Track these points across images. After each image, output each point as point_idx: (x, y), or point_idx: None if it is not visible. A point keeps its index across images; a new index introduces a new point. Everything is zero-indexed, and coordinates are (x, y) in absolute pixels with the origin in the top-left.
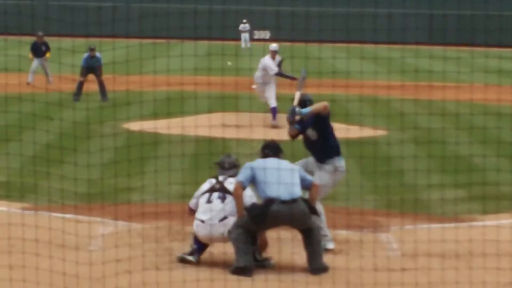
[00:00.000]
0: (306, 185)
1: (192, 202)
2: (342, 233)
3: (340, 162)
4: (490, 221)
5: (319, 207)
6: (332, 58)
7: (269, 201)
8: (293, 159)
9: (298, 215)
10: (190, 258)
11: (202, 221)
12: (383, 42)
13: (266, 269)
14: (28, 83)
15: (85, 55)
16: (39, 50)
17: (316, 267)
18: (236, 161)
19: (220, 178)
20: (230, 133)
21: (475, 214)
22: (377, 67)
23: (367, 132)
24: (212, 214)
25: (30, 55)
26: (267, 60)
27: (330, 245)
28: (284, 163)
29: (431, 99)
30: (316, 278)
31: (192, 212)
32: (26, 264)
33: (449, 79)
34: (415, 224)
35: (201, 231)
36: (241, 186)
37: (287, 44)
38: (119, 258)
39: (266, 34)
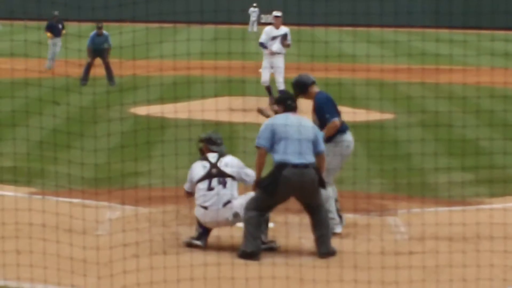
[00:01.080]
0: (315, 151)
1: (187, 186)
2: (349, 217)
3: (343, 137)
4: (497, 204)
5: (331, 190)
6: (338, 42)
7: (280, 166)
8: None
9: (309, 182)
10: (198, 242)
11: (206, 208)
12: (390, 25)
13: (273, 252)
14: (49, 69)
15: (92, 33)
16: (56, 29)
17: (324, 251)
18: (220, 137)
19: (211, 159)
20: (237, 117)
21: (482, 197)
22: (384, 51)
23: (374, 115)
24: (215, 199)
25: (49, 34)
26: (265, 29)
27: (338, 229)
28: (299, 119)
29: (438, 83)
30: (324, 262)
31: (189, 194)
32: (34, 249)
33: (456, 62)
34: (423, 207)
35: (206, 217)
36: (266, 152)
37: (294, 27)
38: (126, 243)
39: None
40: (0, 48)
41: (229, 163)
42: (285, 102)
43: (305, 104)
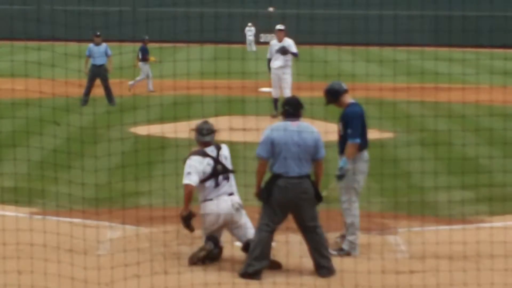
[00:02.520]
0: (316, 158)
1: (192, 180)
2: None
3: (363, 154)
4: (498, 222)
5: (355, 208)
6: (337, 61)
7: (275, 176)
8: None
9: (304, 193)
10: (207, 245)
11: (211, 199)
12: (389, 44)
13: (274, 272)
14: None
15: (89, 45)
16: (146, 54)
17: (324, 274)
18: (212, 126)
19: (211, 153)
20: (237, 137)
21: (482, 215)
22: (383, 70)
23: (374, 134)
24: (221, 192)
25: (153, 58)
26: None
27: (355, 252)
28: (298, 129)
29: (437, 101)
30: (325, 281)
31: (192, 193)
32: (35, 269)
33: (455, 81)
34: (423, 226)
35: (212, 209)
36: (266, 162)
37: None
38: (127, 263)
39: (272, 37)
40: (3, 68)
41: (227, 156)
42: (283, 107)
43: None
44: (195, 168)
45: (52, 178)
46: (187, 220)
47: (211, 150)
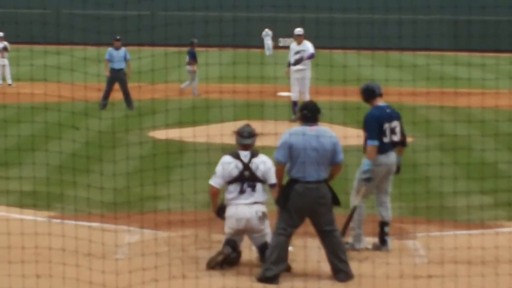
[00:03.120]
0: (334, 162)
1: (217, 182)
2: (369, 240)
3: (379, 160)
4: None
5: (361, 208)
6: (357, 66)
7: (292, 182)
8: None
9: (321, 198)
10: (225, 249)
11: (233, 204)
12: (408, 48)
13: (292, 276)
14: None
15: (109, 49)
16: (195, 57)
17: (343, 278)
18: (254, 130)
19: (243, 158)
20: (256, 141)
21: (501, 220)
22: (402, 74)
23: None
24: (245, 200)
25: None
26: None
27: (359, 245)
28: (316, 134)
29: (457, 106)
30: (342, 285)
31: (216, 194)
32: (53, 273)
33: (474, 86)
34: (442, 231)
35: (235, 215)
36: (283, 167)
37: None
38: (145, 267)
39: (292, 42)
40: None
41: (259, 166)
42: (301, 112)
43: None
44: (221, 169)
45: (70, 182)
46: (221, 214)
47: (244, 155)
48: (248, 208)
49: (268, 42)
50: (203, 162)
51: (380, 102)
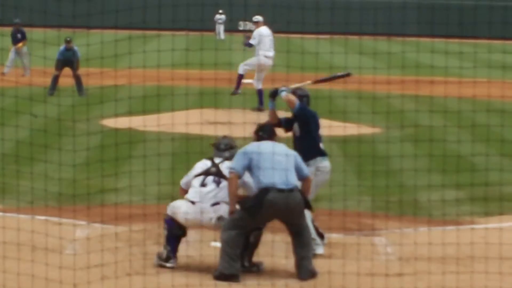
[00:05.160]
0: (300, 176)
1: (183, 182)
2: (338, 237)
3: (323, 163)
4: (493, 223)
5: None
6: (329, 53)
7: (264, 190)
8: None
9: (295, 206)
10: (169, 265)
11: (193, 203)
12: (383, 34)
13: (258, 274)
14: (3, 74)
15: (61, 47)
16: (14, 38)
17: (304, 274)
18: (232, 141)
19: (216, 160)
20: (209, 130)
21: (476, 216)
22: (376, 62)
23: (365, 130)
24: (205, 197)
25: (21, 44)
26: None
27: (319, 250)
28: (279, 147)
29: (432, 95)
30: (311, 283)
31: (184, 192)
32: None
33: (451, 74)
34: (415, 227)
35: (190, 213)
36: (236, 175)
37: (282, 35)
38: (90, 264)
39: (252, 26)
40: None
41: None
42: (257, 134)
43: None
44: (190, 171)
45: (14, 171)
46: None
47: (218, 159)
48: (202, 211)
49: (221, 26)
50: (155, 153)
51: None
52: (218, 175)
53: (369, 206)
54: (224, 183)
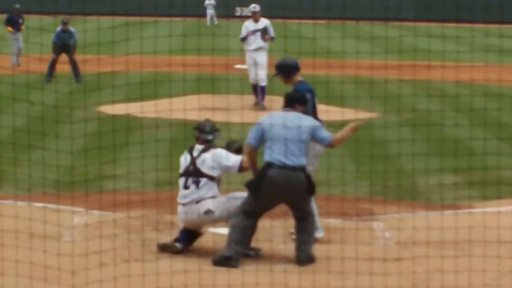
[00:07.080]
0: (324, 144)
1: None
2: (336, 222)
3: None
4: (491, 207)
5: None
6: (327, 38)
7: (266, 166)
8: None
9: (295, 186)
10: (176, 244)
11: (183, 205)
12: (380, 19)
13: (257, 259)
14: (16, 64)
15: (58, 29)
16: (16, 23)
17: (303, 258)
18: (214, 125)
19: (195, 152)
20: (206, 116)
21: (474, 200)
22: (374, 47)
23: (363, 115)
24: (189, 198)
25: (10, 29)
26: (244, 23)
27: (320, 234)
28: (291, 119)
29: (430, 80)
30: (310, 267)
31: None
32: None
33: (448, 58)
34: (413, 211)
35: (183, 216)
36: (251, 147)
37: (279, 21)
38: (89, 251)
39: (249, 11)
40: None
41: (206, 160)
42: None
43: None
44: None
45: (11, 159)
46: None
47: (197, 149)
48: (190, 209)
49: (211, 11)
50: (153, 139)
51: (300, 77)
52: (196, 174)
53: (367, 191)
54: (203, 182)
